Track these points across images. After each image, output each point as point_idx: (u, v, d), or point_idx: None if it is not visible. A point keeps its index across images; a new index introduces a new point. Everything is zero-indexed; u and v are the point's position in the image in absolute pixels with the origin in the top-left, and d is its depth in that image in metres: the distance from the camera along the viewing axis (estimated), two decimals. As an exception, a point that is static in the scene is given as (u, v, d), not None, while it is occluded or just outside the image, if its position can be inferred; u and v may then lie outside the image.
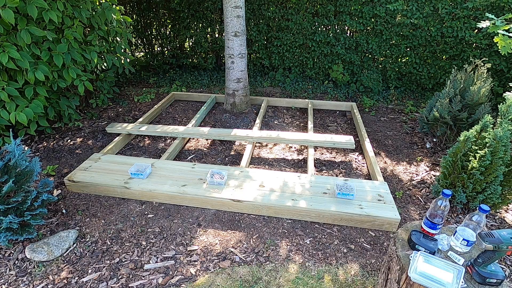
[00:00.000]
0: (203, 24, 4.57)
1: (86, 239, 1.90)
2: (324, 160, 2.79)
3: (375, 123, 3.46)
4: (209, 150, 2.90)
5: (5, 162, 1.73)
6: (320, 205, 2.01)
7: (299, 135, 2.86)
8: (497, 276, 1.03)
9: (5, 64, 2.12)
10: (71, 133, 3.11)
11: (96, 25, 2.91)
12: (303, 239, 1.91)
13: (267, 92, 4.23)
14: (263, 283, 1.63)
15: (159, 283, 1.63)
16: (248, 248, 1.84)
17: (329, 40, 4.12)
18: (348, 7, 3.88)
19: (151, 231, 1.96)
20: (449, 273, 1.04)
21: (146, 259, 1.77)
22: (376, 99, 4.01)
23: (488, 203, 2.02)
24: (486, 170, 1.93)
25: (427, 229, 1.23)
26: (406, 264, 1.12)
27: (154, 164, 2.43)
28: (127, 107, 3.77)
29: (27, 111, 2.38)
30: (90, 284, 1.63)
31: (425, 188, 2.39)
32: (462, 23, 3.55)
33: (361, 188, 2.18)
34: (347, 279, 1.66)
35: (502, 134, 1.85)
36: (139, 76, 4.80)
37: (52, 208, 2.13)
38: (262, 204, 2.04)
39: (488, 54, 3.57)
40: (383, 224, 1.96)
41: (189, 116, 3.59)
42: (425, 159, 2.79)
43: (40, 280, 1.65)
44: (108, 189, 2.22)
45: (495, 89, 3.53)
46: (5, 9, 2.00)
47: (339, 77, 4.19)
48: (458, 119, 2.66)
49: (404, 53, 3.99)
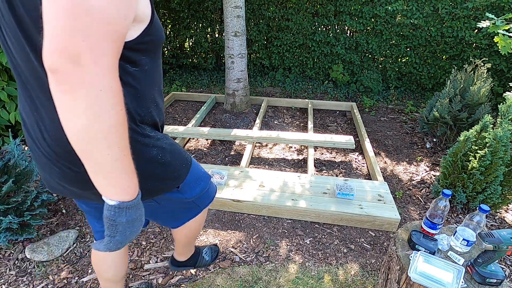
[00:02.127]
0: (203, 24, 4.57)
1: (86, 239, 1.90)
2: (324, 160, 2.79)
3: (375, 123, 3.46)
4: (209, 150, 2.90)
5: (5, 162, 1.73)
6: (320, 205, 2.01)
7: (299, 135, 2.86)
8: (497, 276, 1.03)
9: (5, 64, 2.12)
10: (71, 133, 3.11)
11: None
12: (303, 239, 1.91)
13: (267, 92, 4.23)
14: (263, 283, 1.63)
15: (159, 283, 1.63)
16: (248, 248, 1.84)
17: (329, 40, 4.12)
18: (348, 7, 3.88)
19: (151, 231, 1.96)
20: (449, 273, 1.04)
21: (146, 259, 1.77)
22: (376, 99, 4.01)
23: (488, 203, 2.02)
24: (486, 170, 1.93)
25: (427, 229, 1.23)
26: (406, 264, 1.12)
27: (154, 164, 2.42)
28: (127, 107, 3.77)
29: (27, 111, 2.38)
30: (90, 284, 1.63)
31: (425, 188, 2.39)
32: (462, 23, 3.55)
33: (361, 188, 2.18)
34: (347, 279, 1.66)
35: (502, 134, 1.85)
36: (139, 76, 4.79)
37: (52, 208, 2.13)
38: (262, 204, 2.04)
39: (488, 54, 3.57)
40: (383, 224, 1.96)
41: (189, 116, 3.59)
42: (425, 159, 2.79)
43: (40, 280, 1.65)
44: (108, 189, 2.22)
45: (495, 89, 3.53)
46: (5, 9, 2.00)
47: (339, 77, 4.19)
48: (458, 119, 2.66)
49: (404, 53, 3.99)
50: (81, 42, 0.48)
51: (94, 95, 0.50)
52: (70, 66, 0.48)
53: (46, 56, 0.48)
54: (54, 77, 0.49)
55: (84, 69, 0.48)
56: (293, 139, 2.80)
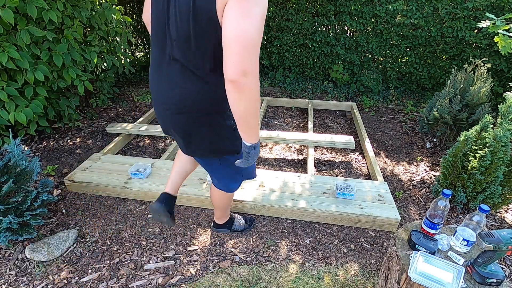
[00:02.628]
0: (203, 24, 4.56)
1: (86, 239, 1.90)
2: (324, 160, 2.79)
3: (375, 123, 3.46)
4: (209, 150, 2.90)
5: (5, 162, 1.73)
6: (320, 205, 2.01)
7: (299, 135, 2.86)
8: (497, 276, 1.03)
9: (4, 64, 2.12)
10: (71, 133, 3.11)
11: (96, 25, 2.91)
12: (303, 239, 1.91)
13: (267, 92, 4.23)
14: (263, 283, 1.63)
15: (159, 283, 1.63)
16: (248, 248, 1.84)
17: (329, 40, 4.12)
18: (348, 7, 3.88)
19: (151, 231, 1.96)
20: (449, 273, 1.04)
21: (146, 259, 1.77)
22: (376, 99, 4.01)
23: (488, 203, 2.02)
24: (486, 170, 1.93)
25: (427, 229, 1.23)
26: (406, 264, 1.12)
27: (154, 164, 2.42)
28: (127, 107, 3.77)
29: (27, 111, 2.38)
30: (90, 284, 1.63)
31: (425, 188, 2.39)
32: (462, 23, 3.55)
33: (361, 188, 2.18)
34: (347, 279, 1.66)
35: (502, 134, 1.85)
36: (139, 76, 4.80)
37: (52, 208, 2.13)
38: (262, 204, 2.03)
39: (488, 54, 3.57)
40: (383, 224, 1.96)
41: (189, 116, 3.58)
42: (425, 159, 2.79)
43: (40, 280, 1.65)
44: (108, 189, 2.22)
45: (495, 89, 3.53)
46: (5, 9, 2.00)
47: (339, 77, 4.19)
48: (458, 119, 2.66)
49: (404, 53, 3.99)
50: (249, 65, 0.88)
51: (252, 93, 0.93)
52: (243, 79, 0.89)
53: (229, 73, 0.88)
54: (232, 84, 0.90)
55: (249, 80, 0.89)
56: (293, 139, 2.80)
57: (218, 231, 1.93)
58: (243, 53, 0.85)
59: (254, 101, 0.95)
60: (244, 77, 0.88)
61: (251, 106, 0.95)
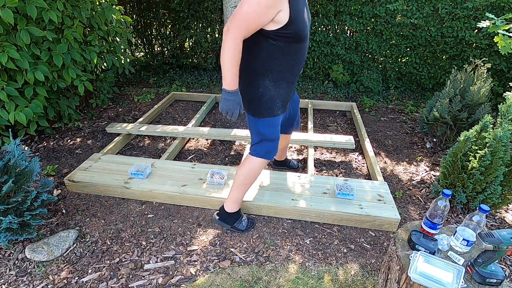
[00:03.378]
0: (203, 24, 4.57)
1: (86, 239, 1.90)
2: (324, 160, 2.79)
3: (375, 123, 3.46)
4: (209, 150, 2.90)
5: (5, 162, 1.73)
6: (320, 205, 2.01)
7: (299, 135, 2.86)
8: (497, 276, 1.03)
9: (4, 64, 2.12)
10: (71, 133, 3.12)
11: (96, 25, 2.91)
12: (303, 239, 1.91)
13: (267, 92, 4.22)
14: (263, 283, 1.63)
15: (159, 283, 1.63)
16: (248, 248, 1.84)
17: (329, 40, 4.12)
18: (348, 7, 3.88)
19: (151, 231, 1.96)
20: (449, 273, 1.04)
21: (146, 259, 1.77)
22: (376, 99, 4.01)
23: (488, 203, 2.02)
24: (486, 170, 1.93)
25: (427, 229, 1.23)
26: (406, 264, 1.12)
27: (154, 164, 2.43)
28: (127, 107, 3.77)
29: (27, 111, 2.38)
30: (90, 284, 1.63)
31: (425, 188, 2.39)
32: (462, 23, 3.55)
33: (361, 188, 2.18)
34: (347, 279, 1.66)
35: (502, 134, 1.85)
36: (139, 76, 4.80)
37: (52, 208, 2.13)
38: (262, 204, 2.03)
39: (488, 54, 3.57)
40: (383, 224, 1.96)
41: (189, 116, 3.59)
42: (425, 159, 2.79)
43: (40, 280, 1.65)
44: (108, 189, 2.22)
45: (495, 89, 3.53)
46: (5, 9, 2.00)
47: (339, 77, 4.19)
48: (458, 119, 2.66)
49: (404, 53, 3.99)
50: (232, 26, 1.26)
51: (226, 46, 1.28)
52: (226, 33, 1.27)
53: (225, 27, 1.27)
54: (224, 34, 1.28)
55: (227, 37, 1.27)
56: (293, 139, 2.80)
57: (219, 224, 1.89)
58: (233, 18, 1.26)
59: (226, 53, 1.28)
60: (226, 32, 1.27)
61: (223, 55, 1.29)
